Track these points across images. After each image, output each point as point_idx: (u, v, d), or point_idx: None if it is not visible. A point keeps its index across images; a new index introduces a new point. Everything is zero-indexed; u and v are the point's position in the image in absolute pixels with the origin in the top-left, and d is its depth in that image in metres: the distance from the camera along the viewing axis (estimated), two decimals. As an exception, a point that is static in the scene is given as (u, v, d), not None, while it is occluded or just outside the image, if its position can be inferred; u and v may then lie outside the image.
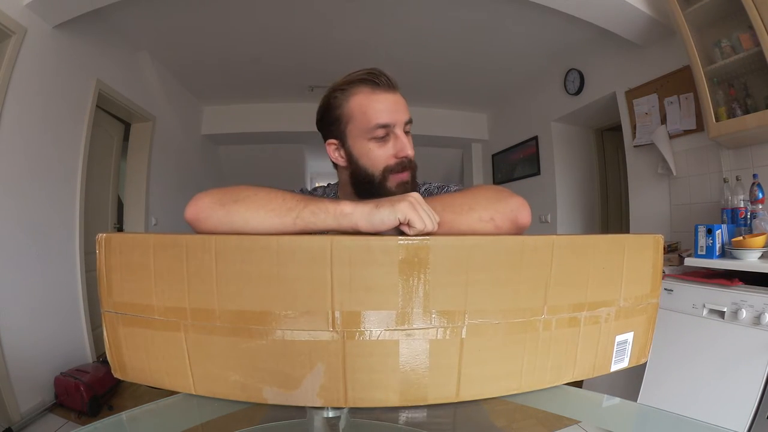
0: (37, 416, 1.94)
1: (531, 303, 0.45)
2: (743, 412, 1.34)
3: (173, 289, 0.44)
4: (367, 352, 0.42)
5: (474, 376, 0.44)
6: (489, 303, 0.43)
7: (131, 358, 0.48)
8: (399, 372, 0.42)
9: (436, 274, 0.41)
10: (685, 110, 2.25)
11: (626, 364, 0.54)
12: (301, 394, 0.43)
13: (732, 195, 1.80)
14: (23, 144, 1.99)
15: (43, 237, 2.14)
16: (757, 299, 1.37)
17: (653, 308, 0.55)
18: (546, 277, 0.45)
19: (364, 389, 0.43)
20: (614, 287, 0.50)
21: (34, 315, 2.06)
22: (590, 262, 0.48)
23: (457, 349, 0.43)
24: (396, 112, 0.71)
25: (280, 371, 0.43)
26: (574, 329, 0.48)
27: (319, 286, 0.40)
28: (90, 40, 2.43)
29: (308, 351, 0.42)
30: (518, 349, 0.46)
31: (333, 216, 0.51)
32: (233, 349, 0.43)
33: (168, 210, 3.58)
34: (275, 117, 4.37)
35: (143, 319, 0.45)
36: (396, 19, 2.73)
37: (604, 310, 0.50)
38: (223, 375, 0.44)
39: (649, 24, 2.24)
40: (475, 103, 4.44)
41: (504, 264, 0.44)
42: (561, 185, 3.51)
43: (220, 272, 0.42)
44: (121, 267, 0.46)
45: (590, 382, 2.14)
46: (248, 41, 2.96)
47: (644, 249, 0.53)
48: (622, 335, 0.52)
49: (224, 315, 0.42)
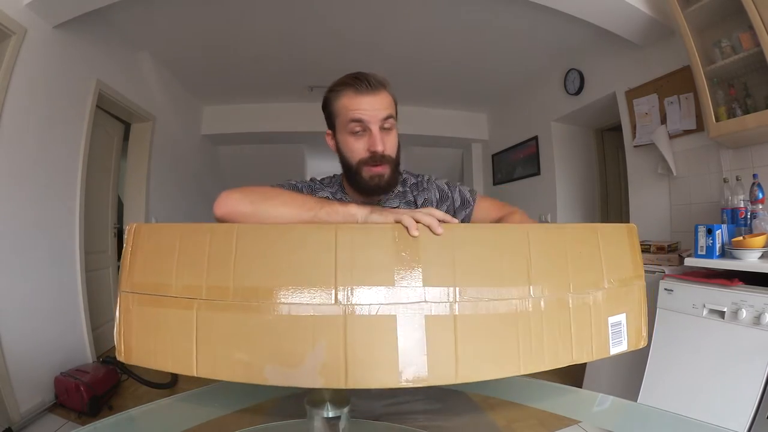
0: (37, 416, 1.94)
1: (516, 281, 0.49)
2: (743, 412, 1.34)
3: (194, 267, 0.48)
4: (366, 325, 0.45)
5: (471, 356, 0.46)
6: (477, 281, 0.47)
7: (138, 341, 0.49)
8: (397, 348, 0.44)
9: (428, 255, 0.47)
10: (685, 110, 2.25)
11: (625, 347, 0.54)
12: (303, 373, 0.44)
13: (732, 195, 1.80)
14: (23, 144, 1.99)
15: (43, 237, 2.14)
16: (757, 299, 1.38)
17: (640, 290, 0.57)
18: (526, 257, 0.49)
19: (364, 367, 0.44)
20: (596, 270, 0.54)
21: (34, 315, 2.06)
22: (567, 245, 0.52)
23: (451, 325, 0.46)
24: (372, 110, 0.79)
25: (284, 348, 0.45)
26: (563, 310, 0.50)
27: (325, 266, 0.46)
28: (90, 40, 2.43)
29: (312, 325, 0.45)
30: (511, 330, 0.48)
31: (342, 216, 0.61)
32: (242, 326, 0.46)
33: (168, 210, 3.58)
34: (275, 117, 4.37)
35: (158, 298, 0.48)
36: (396, 20, 2.74)
37: (591, 292, 0.52)
38: (227, 354, 0.45)
39: (649, 24, 2.24)
40: (475, 103, 4.45)
41: (487, 245, 0.50)
42: (561, 185, 3.51)
43: (239, 253, 0.47)
44: (147, 250, 0.51)
45: (590, 382, 2.15)
46: (248, 41, 2.96)
47: (619, 236, 0.57)
48: (615, 317, 0.54)
49: (237, 291, 0.46)
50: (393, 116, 0.82)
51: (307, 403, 0.55)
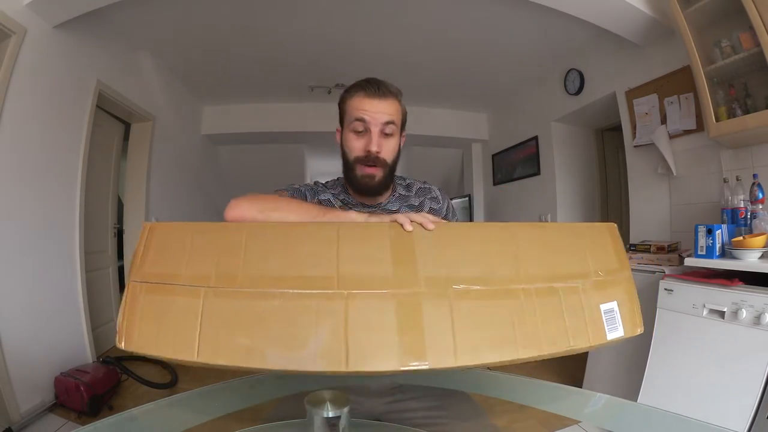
0: (37, 416, 1.94)
1: (505, 270, 0.52)
2: (743, 412, 1.34)
3: (204, 258, 0.51)
4: (367, 311, 0.47)
5: (469, 340, 0.47)
6: (468, 271, 0.51)
7: (141, 327, 0.49)
8: (396, 331, 0.46)
9: (422, 247, 0.52)
10: (685, 110, 2.25)
11: (622, 333, 0.55)
12: (304, 356, 0.45)
13: (732, 195, 1.80)
14: (23, 144, 1.99)
15: (43, 237, 2.14)
16: (757, 299, 1.38)
17: (628, 281, 0.59)
18: (513, 250, 0.54)
19: (364, 350, 0.45)
20: (581, 262, 0.57)
21: (34, 315, 2.06)
22: (551, 240, 0.57)
23: (447, 311, 0.48)
24: (375, 113, 0.85)
25: (287, 332, 0.46)
26: (554, 298, 0.52)
27: (328, 257, 0.50)
28: (90, 40, 2.43)
29: (315, 310, 0.47)
30: (505, 315, 0.50)
31: (343, 220, 0.67)
32: (247, 311, 0.47)
33: (168, 210, 3.58)
34: (275, 117, 4.37)
35: (167, 286, 0.50)
36: (396, 19, 2.73)
37: (580, 281, 0.55)
38: (230, 339, 0.46)
39: (649, 24, 2.24)
40: (475, 103, 4.45)
41: (476, 239, 0.54)
42: (561, 185, 3.51)
43: (249, 246, 0.51)
44: (160, 245, 0.53)
45: (590, 382, 2.15)
46: (248, 41, 2.96)
47: (600, 234, 0.61)
48: (606, 304, 0.55)
49: (246, 279, 0.49)
50: (395, 123, 0.87)
51: (307, 403, 0.55)
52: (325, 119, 4.34)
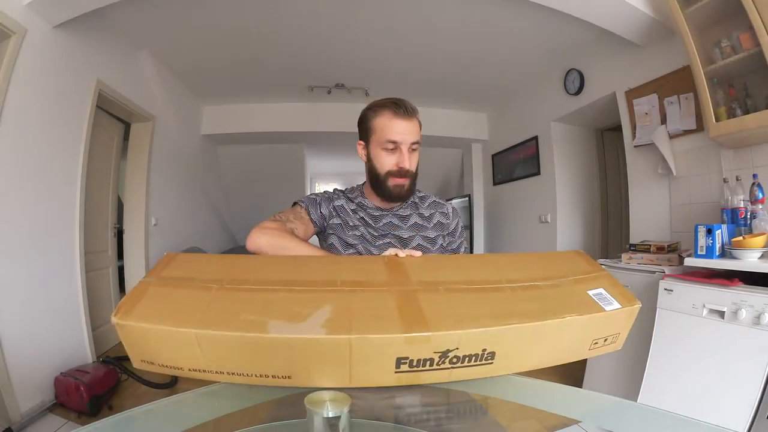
0: (37, 416, 1.95)
1: (489, 277, 0.60)
2: (743, 412, 1.34)
3: (218, 271, 0.57)
4: (368, 296, 0.53)
5: (465, 313, 0.52)
6: (455, 277, 0.60)
7: (143, 306, 0.50)
8: (396, 308, 0.51)
9: (413, 267, 0.63)
10: (685, 110, 2.25)
11: (619, 306, 0.57)
12: (306, 326, 0.47)
13: (732, 195, 1.80)
14: (23, 144, 1.99)
15: (43, 237, 2.14)
16: (757, 299, 1.38)
17: (607, 276, 0.64)
18: (495, 266, 0.64)
19: (368, 321, 0.48)
20: (559, 269, 0.64)
21: (35, 315, 2.06)
22: (528, 261, 0.68)
23: (441, 295, 0.55)
24: (405, 134, 0.98)
25: (290, 309, 0.50)
26: (539, 291, 0.58)
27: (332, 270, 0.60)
28: (90, 40, 2.43)
29: (319, 297, 0.52)
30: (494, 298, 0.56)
31: None
32: (253, 299, 0.52)
33: (168, 210, 3.58)
34: (275, 117, 4.37)
35: (181, 282, 0.55)
36: (396, 19, 2.74)
37: (560, 280, 0.61)
38: (234, 316, 0.49)
39: (649, 24, 2.24)
40: (475, 103, 4.45)
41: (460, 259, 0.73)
42: (561, 185, 3.51)
43: (260, 263, 0.61)
44: (177, 263, 0.60)
45: (590, 382, 2.15)
46: (248, 41, 2.96)
47: (572, 256, 0.70)
48: (593, 290, 0.59)
49: (256, 282, 0.55)
50: (419, 141, 1.02)
51: (307, 403, 0.55)
52: (324, 119, 4.34)
